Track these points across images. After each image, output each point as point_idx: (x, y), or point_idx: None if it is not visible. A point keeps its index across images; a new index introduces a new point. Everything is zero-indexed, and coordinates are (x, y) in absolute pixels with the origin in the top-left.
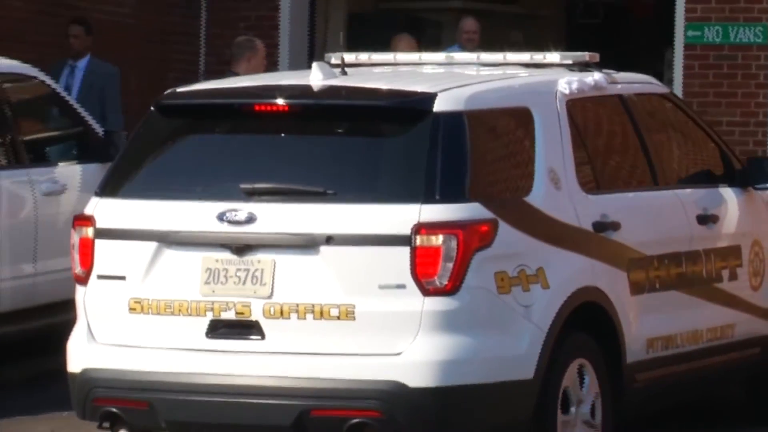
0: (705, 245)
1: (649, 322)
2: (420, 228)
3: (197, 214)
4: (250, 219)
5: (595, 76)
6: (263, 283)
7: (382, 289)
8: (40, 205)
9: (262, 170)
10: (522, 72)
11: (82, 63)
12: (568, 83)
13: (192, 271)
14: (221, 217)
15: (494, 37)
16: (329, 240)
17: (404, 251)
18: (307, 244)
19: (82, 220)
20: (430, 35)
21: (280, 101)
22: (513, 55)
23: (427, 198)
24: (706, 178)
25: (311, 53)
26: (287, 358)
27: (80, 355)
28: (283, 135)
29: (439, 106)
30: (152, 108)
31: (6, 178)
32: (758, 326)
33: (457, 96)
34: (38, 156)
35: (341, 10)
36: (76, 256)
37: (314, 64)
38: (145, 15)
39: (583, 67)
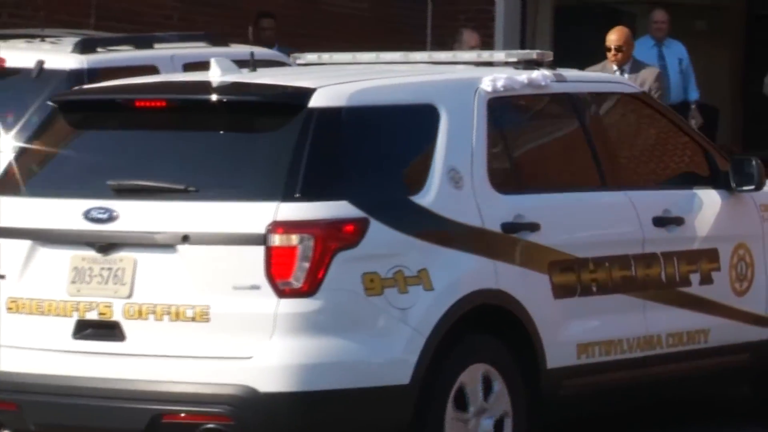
0: (664, 248)
1: (581, 327)
2: (275, 227)
3: (66, 212)
4: (112, 217)
5: (532, 75)
6: (123, 282)
7: (236, 290)
8: None
9: (134, 167)
10: (442, 70)
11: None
12: (492, 81)
13: (61, 270)
14: (87, 215)
15: (680, 26)
16: (185, 239)
17: (259, 251)
18: (165, 243)
19: None
20: (627, 26)
21: (158, 96)
22: (463, 54)
23: (286, 196)
24: (680, 180)
25: (522, 44)
26: (144, 361)
27: None
28: (160, 131)
29: (316, 101)
30: (50, 103)
31: None
32: (745, 332)
33: (338, 92)
34: None
35: (548, 4)
36: None
37: (212, 60)
38: (379, 8)
39: (529, 65)
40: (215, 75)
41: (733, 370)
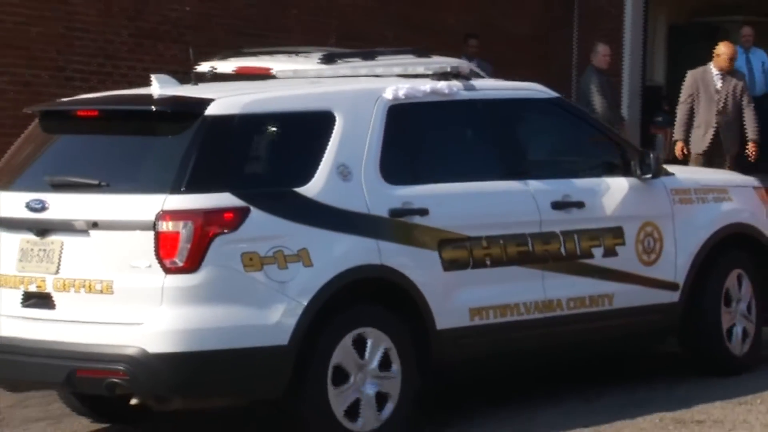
0: (563, 227)
1: (474, 294)
2: (163, 215)
3: (15, 203)
4: (45, 207)
5: (437, 85)
6: (52, 261)
7: (134, 268)
8: None
9: (67, 165)
10: (353, 81)
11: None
12: (394, 90)
13: (13, 250)
14: (27, 205)
15: (763, 38)
16: (95, 225)
17: (150, 235)
18: (81, 228)
19: None
20: (723, 39)
21: (92, 107)
22: (387, 69)
23: (174, 189)
24: (591, 171)
25: (644, 55)
26: (66, 326)
27: None
28: (92, 135)
29: (212, 110)
30: (33, 111)
31: None
32: (655, 296)
33: (233, 102)
34: None
35: (663, 23)
36: None
37: (152, 77)
38: (537, 29)
39: (442, 77)
40: (155, 89)
41: (649, 329)
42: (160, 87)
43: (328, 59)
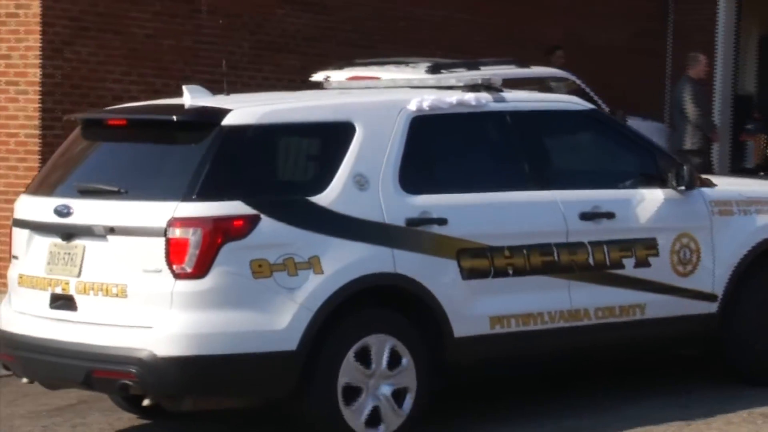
0: (592, 238)
1: (494, 302)
2: (173, 222)
3: (46, 208)
4: (70, 212)
5: (464, 96)
6: (75, 264)
7: (146, 272)
8: None
9: (94, 172)
10: (374, 93)
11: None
12: (419, 102)
13: (44, 253)
14: (55, 211)
15: None
16: (112, 230)
17: (161, 241)
18: (100, 233)
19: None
20: None
21: (121, 116)
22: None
23: (185, 197)
24: (626, 182)
25: (735, 67)
26: (86, 327)
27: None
28: (120, 143)
29: (229, 120)
30: (75, 119)
31: None
32: (691, 306)
33: (251, 112)
34: None
35: (755, 36)
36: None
37: (184, 88)
38: (632, 41)
39: (473, 88)
40: (186, 99)
41: (685, 338)
42: (191, 97)
43: (434, 69)
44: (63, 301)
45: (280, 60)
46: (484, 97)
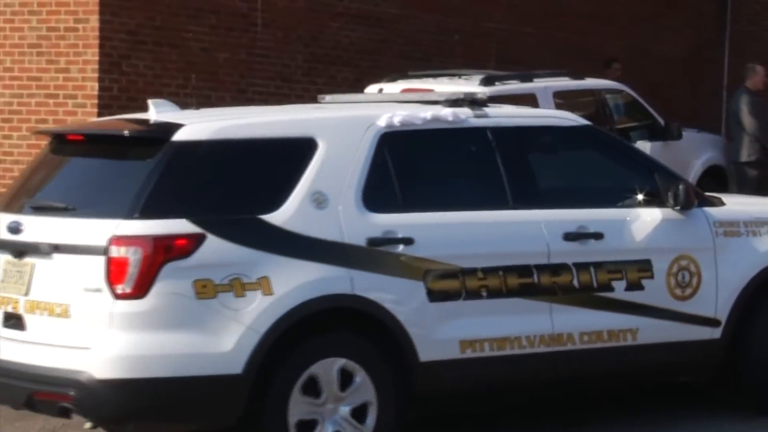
0: (577, 259)
1: (465, 325)
2: (113, 240)
3: (3, 224)
4: (20, 229)
5: (440, 112)
6: (23, 283)
7: (87, 292)
8: None
9: (50, 188)
10: (343, 108)
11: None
12: (389, 118)
13: None
14: (7, 227)
15: None
16: (56, 248)
17: (102, 260)
18: (45, 251)
19: None
20: None
21: (78, 132)
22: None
23: (128, 215)
24: (615, 201)
25: None
26: (31, 348)
27: None
28: (77, 159)
29: (179, 136)
30: (44, 133)
31: None
32: (691, 332)
33: (204, 128)
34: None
35: None
36: None
37: (149, 102)
38: (690, 52)
39: (453, 103)
40: (151, 114)
41: (684, 365)
42: (156, 112)
43: (487, 81)
44: (14, 320)
45: (334, 72)
46: (464, 112)
